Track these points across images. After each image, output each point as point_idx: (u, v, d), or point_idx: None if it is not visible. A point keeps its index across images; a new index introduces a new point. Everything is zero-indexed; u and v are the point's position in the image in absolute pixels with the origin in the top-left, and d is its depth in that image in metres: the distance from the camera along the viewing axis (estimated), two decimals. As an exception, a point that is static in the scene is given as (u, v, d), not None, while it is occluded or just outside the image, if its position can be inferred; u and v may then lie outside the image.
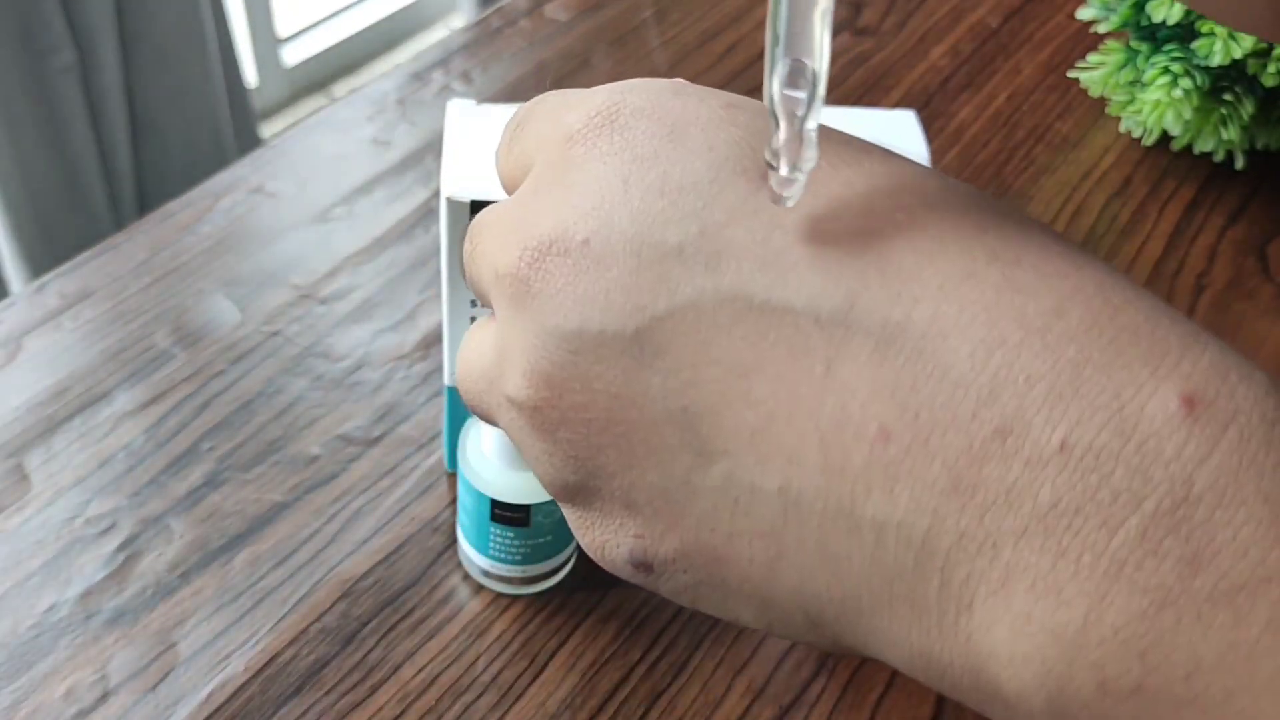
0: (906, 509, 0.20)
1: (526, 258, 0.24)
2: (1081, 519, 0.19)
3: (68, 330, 0.50)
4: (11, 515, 0.44)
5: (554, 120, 0.26)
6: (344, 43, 1.93)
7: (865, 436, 0.21)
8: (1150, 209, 0.60)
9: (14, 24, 1.12)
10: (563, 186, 0.24)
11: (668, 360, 0.23)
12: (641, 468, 0.24)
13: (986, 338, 0.20)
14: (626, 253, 0.23)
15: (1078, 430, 0.19)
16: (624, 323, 0.23)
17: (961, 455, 0.20)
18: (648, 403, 0.23)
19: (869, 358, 0.21)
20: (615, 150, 0.24)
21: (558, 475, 0.25)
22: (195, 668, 0.40)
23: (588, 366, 0.23)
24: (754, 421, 0.22)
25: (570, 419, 0.24)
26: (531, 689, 0.40)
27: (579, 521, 0.26)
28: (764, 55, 0.22)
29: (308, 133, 0.61)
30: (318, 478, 0.46)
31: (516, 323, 0.24)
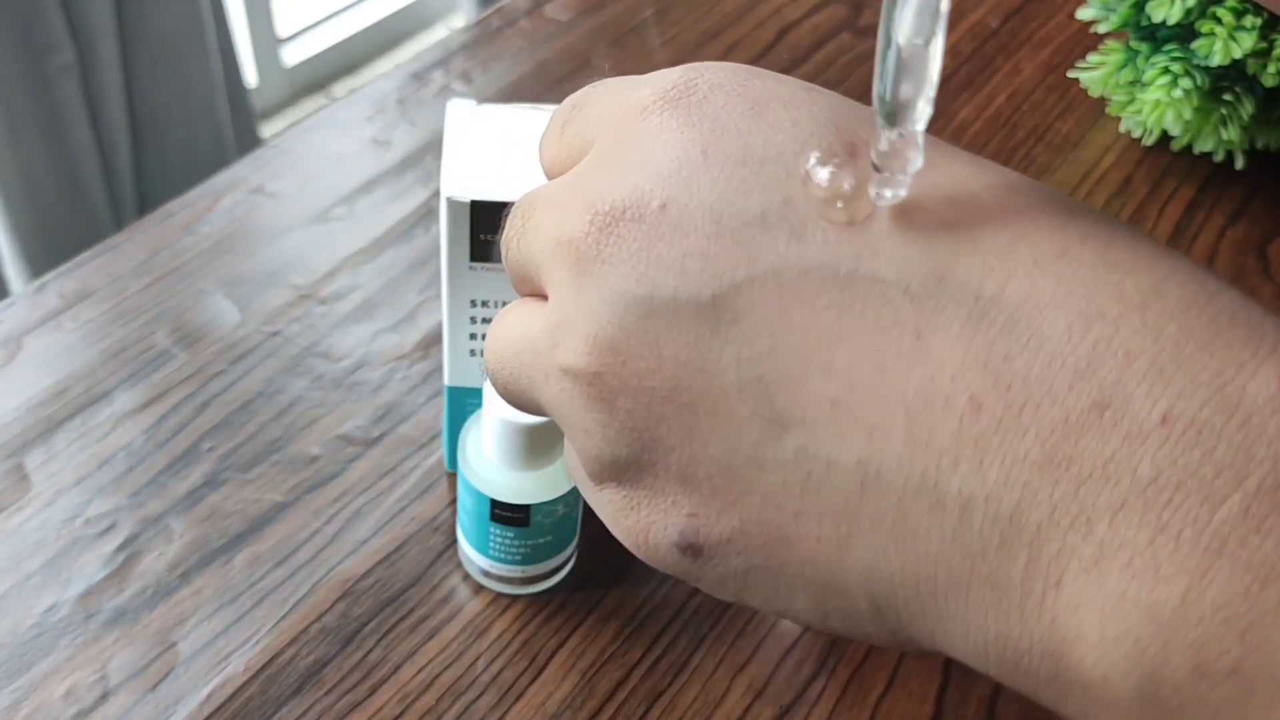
0: (995, 483, 0.20)
1: (597, 222, 0.23)
2: (1183, 494, 0.18)
3: (68, 330, 0.50)
4: (11, 515, 0.44)
5: (620, 98, 0.25)
6: (344, 43, 1.93)
7: (955, 408, 0.20)
8: (1150, 209, 0.60)
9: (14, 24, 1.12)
10: (637, 154, 0.24)
11: (744, 328, 0.22)
12: (704, 440, 0.23)
13: (1085, 310, 0.20)
14: (706, 219, 0.22)
15: (1180, 404, 0.19)
16: (700, 289, 0.22)
17: (1057, 428, 0.19)
18: (719, 371, 0.22)
19: (961, 329, 0.20)
20: (694, 122, 0.23)
21: (608, 449, 0.24)
22: (195, 668, 0.40)
23: (658, 332, 0.23)
24: (834, 392, 0.21)
25: (632, 386, 0.23)
26: (531, 689, 0.40)
27: (623, 502, 0.25)
28: (875, 57, 0.21)
29: (308, 133, 0.61)
30: (318, 478, 0.46)
31: (580, 288, 0.24)
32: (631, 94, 0.25)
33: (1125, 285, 0.20)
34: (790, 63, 0.67)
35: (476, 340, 0.41)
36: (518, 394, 0.27)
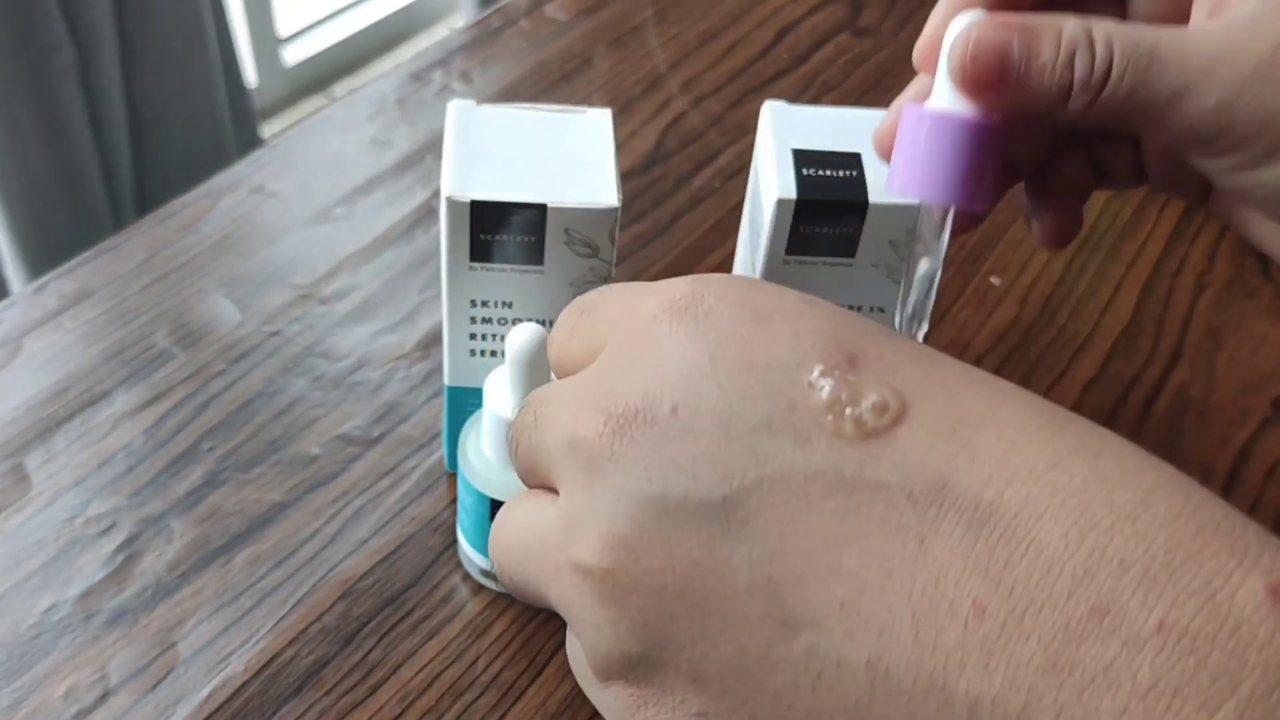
0: (1002, 685, 0.21)
1: (611, 424, 0.24)
2: (1181, 700, 0.19)
3: (68, 330, 0.50)
4: (11, 515, 0.44)
5: (631, 305, 0.27)
6: (344, 43, 1.93)
7: (959, 612, 0.21)
8: (1150, 209, 0.60)
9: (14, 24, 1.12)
10: (647, 360, 0.25)
11: (754, 529, 0.23)
12: (715, 639, 0.23)
13: (1079, 520, 0.21)
14: (715, 424, 0.23)
15: (1174, 613, 0.20)
16: (711, 491, 0.23)
17: (1058, 633, 0.20)
18: (730, 571, 0.23)
19: (963, 535, 0.21)
20: (701, 331, 0.25)
21: (618, 645, 0.25)
22: (195, 668, 0.40)
23: (670, 532, 0.23)
24: (843, 594, 0.22)
25: (644, 585, 0.24)
26: (531, 689, 0.40)
27: (629, 701, 0.25)
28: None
29: (308, 133, 0.61)
30: (318, 478, 0.46)
31: (593, 487, 0.25)
32: (641, 302, 0.26)
33: (1115, 496, 0.21)
34: (790, 63, 0.67)
35: (476, 340, 0.41)
36: (525, 586, 0.28)
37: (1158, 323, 0.54)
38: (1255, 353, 0.53)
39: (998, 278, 0.56)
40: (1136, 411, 0.50)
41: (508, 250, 0.38)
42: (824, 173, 0.38)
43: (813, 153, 0.39)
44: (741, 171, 0.60)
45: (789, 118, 0.40)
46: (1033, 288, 0.56)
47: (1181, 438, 0.49)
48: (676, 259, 0.55)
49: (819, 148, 0.39)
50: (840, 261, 0.39)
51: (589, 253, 0.39)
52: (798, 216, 0.38)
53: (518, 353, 0.36)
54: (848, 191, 0.38)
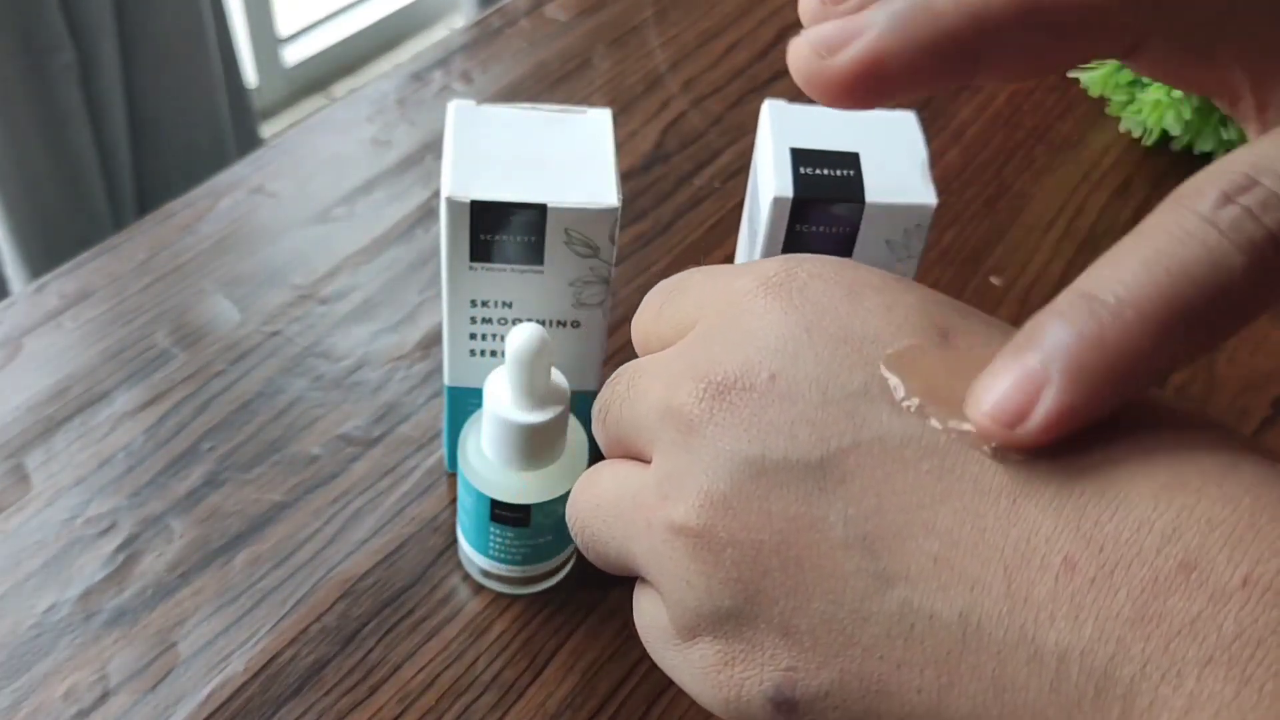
0: (1090, 638, 0.21)
1: (711, 390, 0.25)
2: (1264, 650, 0.20)
3: (68, 330, 0.50)
4: (11, 515, 0.44)
5: (723, 283, 0.27)
6: (344, 43, 1.93)
7: (1050, 567, 0.22)
8: (1150, 209, 0.60)
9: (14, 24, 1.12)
10: (743, 331, 0.26)
11: (851, 488, 0.23)
12: (809, 593, 0.24)
13: (1168, 482, 0.22)
14: (813, 390, 0.24)
15: (1259, 569, 0.20)
16: (809, 451, 0.24)
17: (1147, 587, 0.21)
18: (826, 527, 0.24)
19: (1053, 495, 0.22)
20: (796, 304, 0.25)
21: (710, 600, 0.25)
22: (195, 668, 0.40)
23: (768, 490, 0.24)
24: (937, 549, 0.23)
25: (740, 539, 0.24)
26: (531, 689, 0.40)
27: (716, 657, 0.26)
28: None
29: (308, 133, 0.61)
30: (318, 478, 0.46)
31: (691, 448, 0.25)
32: (732, 280, 0.27)
33: (1203, 461, 0.22)
34: (790, 63, 0.67)
35: (476, 340, 0.41)
36: (608, 544, 0.28)
37: (1157, 322, 0.54)
38: (1255, 353, 0.53)
39: (998, 278, 0.56)
40: (1136, 411, 0.50)
41: (508, 250, 0.38)
42: (821, 172, 0.38)
43: (811, 152, 0.39)
44: (741, 171, 0.60)
45: (788, 117, 0.40)
46: (1033, 288, 0.56)
47: (1181, 437, 0.49)
48: (676, 259, 0.55)
49: (817, 147, 0.39)
50: (840, 261, 0.39)
51: (589, 253, 0.39)
52: (795, 215, 0.38)
53: (518, 353, 0.36)
54: (845, 190, 0.38)
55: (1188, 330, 0.22)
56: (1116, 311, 0.22)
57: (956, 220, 0.59)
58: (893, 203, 0.38)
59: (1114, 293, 0.22)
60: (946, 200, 0.59)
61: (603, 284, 0.39)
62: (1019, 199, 0.60)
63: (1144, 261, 0.22)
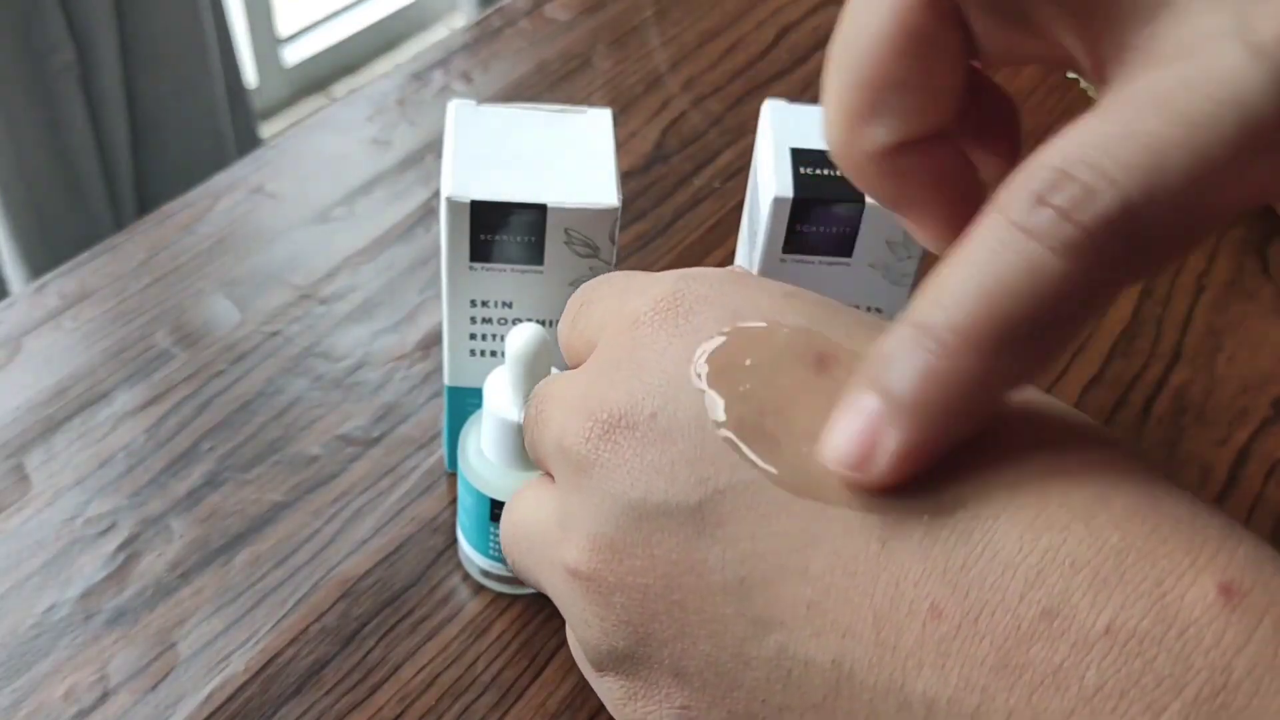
0: (956, 686, 0.21)
1: (597, 430, 0.25)
2: (1126, 703, 0.19)
3: (68, 330, 0.50)
4: (11, 515, 0.44)
5: (619, 303, 0.27)
6: (344, 43, 1.93)
7: (918, 614, 0.21)
8: (1150, 209, 0.60)
9: (14, 24, 1.12)
10: (630, 364, 0.26)
11: (728, 531, 0.23)
12: (695, 636, 0.24)
13: (1034, 521, 0.21)
14: (692, 428, 0.24)
15: (1122, 615, 0.20)
16: (688, 494, 0.24)
17: (1010, 634, 0.20)
18: (706, 571, 0.24)
19: (922, 536, 0.22)
20: (680, 334, 0.25)
21: (605, 641, 0.26)
22: (195, 668, 0.40)
23: (650, 533, 0.24)
24: (810, 595, 0.23)
25: (628, 584, 0.25)
26: (531, 689, 0.40)
27: (621, 692, 0.26)
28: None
29: (308, 133, 0.61)
30: (318, 478, 0.46)
31: (581, 490, 0.26)
32: (629, 302, 0.27)
33: (1072, 494, 0.21)
34: (790, 63, 0.67)
35: (476, 340, 0.41)
36: (527, 574, 0.29)
37: (1157, 323, 0.54)
38: (1255, 353, 0.53)
39: (997, 278, 0.56)
40: (1136, 412, 0.50)
41: (508, 250, 0.38)
42: (821, 172, 0.38)
43: (811, 152, 0.39)
44: (741, 171, 0.60)
45: (788, 117, 0.40)
46: (1032, 288, 0.55)
47: (1181, 438, 0.49)
48: (676, 259, 0.55)
49: (817, 147, 0.39)
50: (837, 261, 0.39)
51: (589, 253, 0.39)
52: (795, 215, 0.38)
53: (518, 353, 0.36)
54: (845, 190, 0.38)
55: (1019, 348, 0.21)
56: (943, 340, 0.21)
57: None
58: None
59: (939, 320, 0.21)
60: (946, 200, 0.59)
61: (603, 284, 0.39)
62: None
63: (964, 281, 0.21)
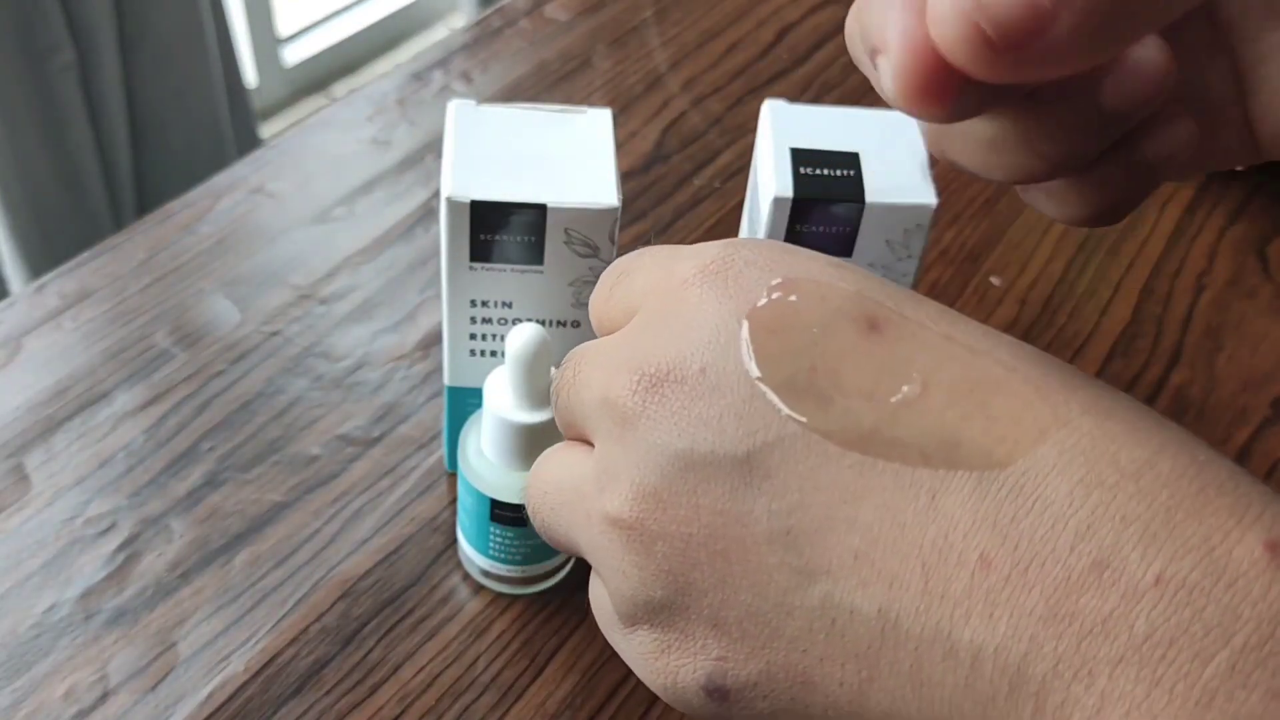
0: (1004, 635, 0.21)
1: (644, 383, 0.26)
2: (1175, 650, 0.20)
3: (68, 330, 0.50)
4: (11, 515, 0.44)
5: (664, 269, 0.28)
6: (344, 43, 1.93)
7: (967, 564, 0.22)
8: (1150, 209, 0.60)
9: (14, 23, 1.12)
10: (678, 322, 0.26)
11: (775, 483, 0.24)
12: (736, 585, 0.24)
13: (1085, 478, 0.22)
14: (741, 382, 0.25)
15: (1171, 567, 0.20)
16: (735, 446, 0.24)
17: (1060, 585, 0.21)
18: (751, 521, 0.24)
19: (971, 490, 0.22)
20: (730, 294, 0.26)
21: (644, 590, 0.26)
22: (195, 668, 0.40)
23: (696, 483, 0.25)
24: (857, 545, 0.23)
25: (670, 533, 0.25)
26: (531, 689, 0.40)
27: (653, 644, 0.26)
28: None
29: (308, 133, 0.61)
30: (318, 478, 0.46)
31: (625, 440, 0.26)
32: (674, 266, 0.27)
33: (1121, 456, 0.22)
34: (790, 63, 0.67)
35: (476, 340, 0.41)
36: (556, 531, 0.29)
37: (1158, 323, 0.54)
38: (1255, 353, 0.53)
39: (998, 278, 0.56)
40: (1136, 411, 0.50)
41: (508, 250, 0.38)
42: (821, 172, 0.38)
43: (811, 152, 0.39)
44: (741, 171, 0.60)
45: (788, 117, 0.40)
46: (1033, 288, 0.56)
47: (1181, 437, 0.49)
48: (676, 259, 0.55)
49: (817, 147, 0.39)
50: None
51: (589, 253, 0.39)
52: (794, 215, 0.38)
53: (518, 353, 0.36)
54: (844, 190, 0.38)
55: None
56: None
57: (956, 220, 0.59)
58: (893, 203, 0.38)
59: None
60: (946, 200, 0.59)
61: (603, 284, 0.39)
62: (1019, 199, 0.60)
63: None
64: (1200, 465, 0.22)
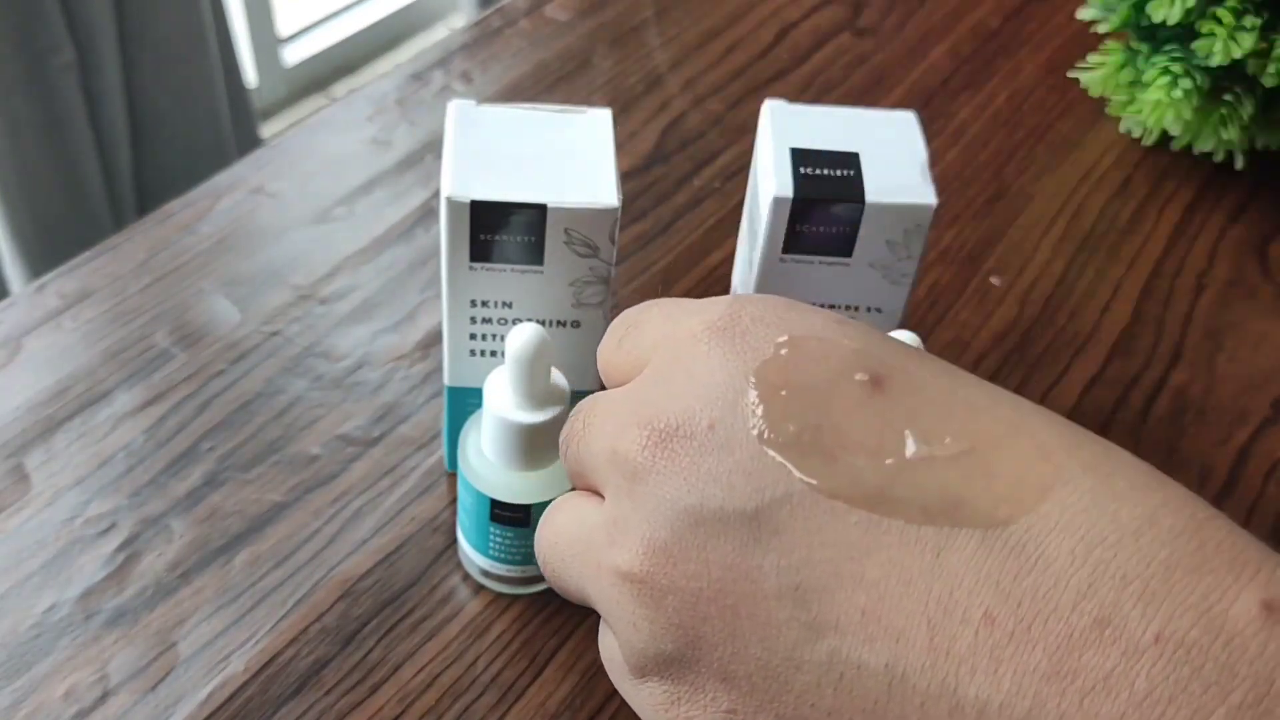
0: (1009, 691, 0.22)
1: (654, 438, 0.26)
2: (1175, 707, 0.20)
3: (68, 330, 0.50)
4: (11, 515, 0.44)
5: (673, 322, 0.28)
6: (344, 43, 1.93)
7: (971, 621, 0.22)
8: (1150, 209, 0.60)
9: (14, 23, 1.12)
10: (687, 377, 0.26)
11: (783, 539, 0.24)
12: (746, 639, 0.25)
13: (1086, 536, 0.22)
14: (749, 440, 0.25)
15: (1171, 625, 0.21)
16: (745, 502, 0.25)
17: (1062, 642, 0.21)
18: (760, 577, 0.24)
19: (975, 548, 0.23)
20: (738, 351, 0.26)
21: (654, 644, 0.26)
22: (195, 668, 0.40)
23: (705, 539, 0.25)
24: (864, 601, 0.23)
25: (680, 587, 0.25)
26: (531, 689, 0.40)
27: (664, 696, 0.26)
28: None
29: (308, 133, 0.61)
30: (318, 478, 0.46)
31: (635, 494, 0.26)
32: (682, 320, 0.28)
33: (1122, 513, 0.23)
34: (790, 63, 0.67)
35: (476, 340, 0.41)
36: (566, 582, 0.29)
37: (1158, 323, 0.54)
38: (1255, 353, 0.53)
39: (998, 278, 0.56)
40: (1136, 412, 0.50)
41: (508, 250, 0.38)
42: (821, 172, 0.38)
43: (811, 152, 0.39)
44: (741, 171, 0.60)
45: (788, 117, 0.40)
46: (1033, 288, 0.56)
47: (1181, 438, 0.49)
48: (676, 259, 0.55)
49: (817, 147, 0.39)
50: (837, 261, 0.39)
51: (589, 253, 0.39)
52: (794, 215, 0.38)
53: (518, 353, 0.36)
54: (845, 191, 0.38)
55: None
56: None
57: (956, 220, 0.59)
58: (893, 203, 0.38)
59: None
60: (946, 200, 0.59)
61: (603, 284, 0.39)
62: (1019, 199, 0.60)
63: None
64: (1200, 523, 0.22)
